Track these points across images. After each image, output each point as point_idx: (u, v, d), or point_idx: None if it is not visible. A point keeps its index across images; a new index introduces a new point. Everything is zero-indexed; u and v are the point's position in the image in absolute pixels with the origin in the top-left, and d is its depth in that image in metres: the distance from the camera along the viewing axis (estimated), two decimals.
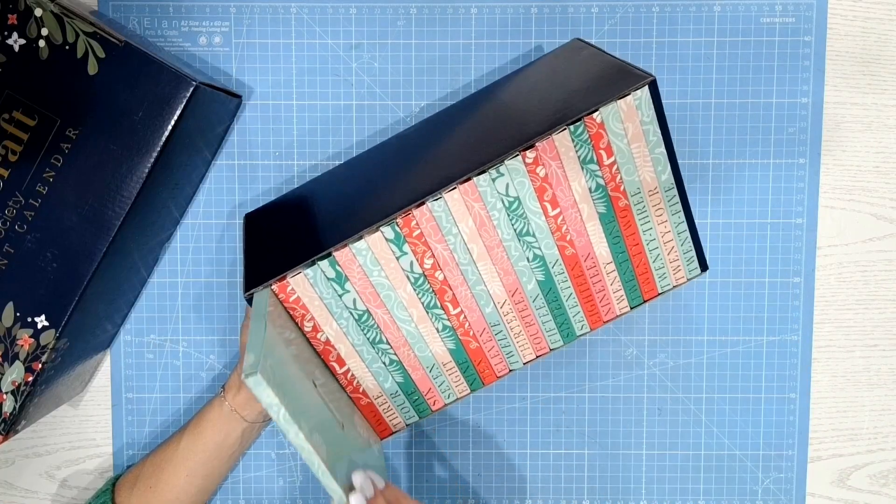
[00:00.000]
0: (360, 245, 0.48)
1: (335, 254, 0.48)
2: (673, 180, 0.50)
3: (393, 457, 0.62)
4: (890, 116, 0.60)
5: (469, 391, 0.53)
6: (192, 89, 0.50)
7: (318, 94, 0.60)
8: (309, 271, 0.49)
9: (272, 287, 0.49)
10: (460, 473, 0.62)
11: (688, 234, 0.52)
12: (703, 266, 0.53)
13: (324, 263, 0.49)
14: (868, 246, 0.61)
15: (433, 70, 0.59)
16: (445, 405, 0.54)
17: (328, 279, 0.49)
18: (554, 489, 0.62)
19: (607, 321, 0.53)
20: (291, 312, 0.50)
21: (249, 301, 0.49)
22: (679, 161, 0.60)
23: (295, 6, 0.59)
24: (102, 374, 0.62)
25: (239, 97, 0.58)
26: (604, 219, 0.50)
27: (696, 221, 0.60)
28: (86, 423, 0.62)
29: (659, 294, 0.53)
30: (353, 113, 0.60)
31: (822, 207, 0.61)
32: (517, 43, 0.59)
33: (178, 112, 0.50)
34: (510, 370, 0.53)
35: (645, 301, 0.53)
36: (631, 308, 0.53)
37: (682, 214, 0.51)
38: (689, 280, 0.53)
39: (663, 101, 0.59)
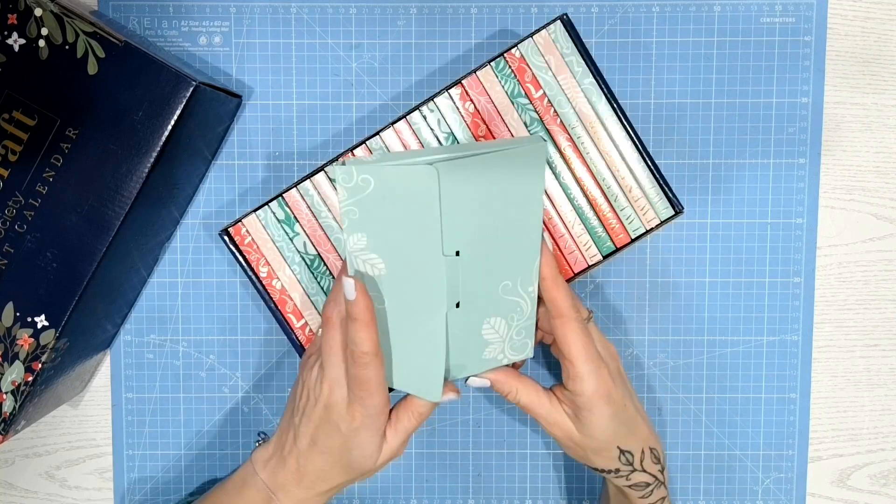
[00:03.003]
0: (305, 185, 0.52)
1: (284, 195, 0.52)
2: (612, 110, 0.51)
3: None
4: (890, 116, 0.60)
5: None
6: (192, 89, 0.50)
7: (318, 94, 0.60)
8: (260, 212, 0.53)
9: (229, 230, 0.53)
10: (460, 473, 0.62)
11: (647, 172, 0.52)
12: (676, 207, 0.53)
13: (273, 204, 0.52)
14: (868, 246, 0.61)
15: (433, 70, 0.59)
16: None
17: (278, 220, 0.53)
18: (554, 489, 0.62)
19: (578, 273, 0.53)
20: (247, 255, 0.53)
21: (222, 237, 0.53)
22: (679, 161, 0.60)
23: (295, 6, 0.59)
24: (102, 374, 0.62)
25: (239, 97, 0.58)
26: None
27: (696, 221, 0.60)
28: (86, 423, 0.62)
29: (633, 240, 0.53)
30: (353, 113, 0.60)
31: (822, 207, 0.61)
32: None
33: (178, 112, 0.50)
34: None
35: (617, 248, 0.53)
36: (603, 257, 0.53)
37: (635, 151, 0.52)
38: (663, 223, 0.53)
39: (663, 101, 0.59)
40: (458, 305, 0.48)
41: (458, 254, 0.46)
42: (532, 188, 0.47)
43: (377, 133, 0.53)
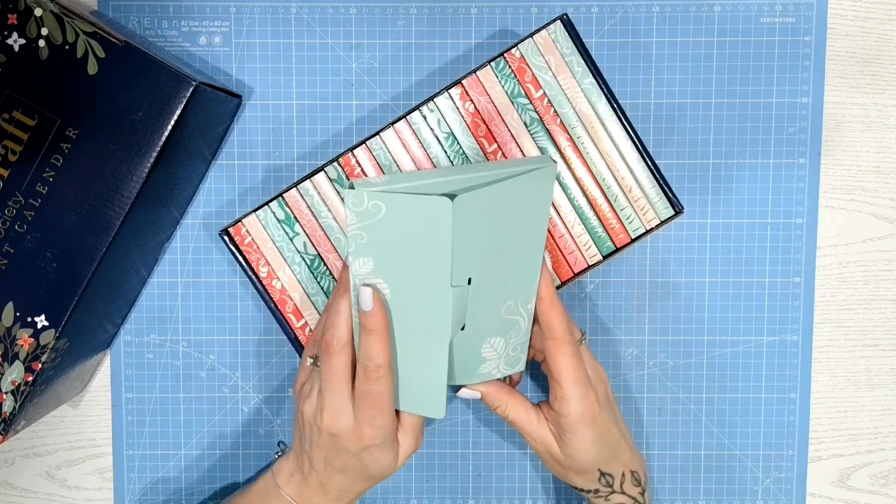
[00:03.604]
0: (305, 185, 0.53)
1: (284, 195, 0.53)
2: (612, 110, 0.51)
3: None
4: (890, 116, 0.60)
5: None
6: (192, 89, 0.50)
7: (318, 94, 0.60)
8: (260, 212, 0.53)
9: (229, 230, 0.53)
10: (460, 473, 0.62)
11: (647, 172, 0.52)
12: (676, 207, 0.53)
13: (273, 204, 0.53)
14: (868, 246, 0.61)
15: (433, 70, 0.59)
16: None
17: (278, 220, 0.53)
18: (554, 489, 0.62)
19: (578, 273, 0.53)
20: (247, 255, 0.53)
21: (222, 237, 0.53)
22: (679, 161, 0.60)
23: (295, 6, 0.59)
24: (102, 374, 0.62)
25: (239, 97, 0.58)
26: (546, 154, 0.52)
27: (696, 221, 0.60)
28: (86, 423, 0.62)
29: (633, 240, 0.53)
30: (353, 113, 0.60)
31: (822, 207, 0.61)
32: None
33: (178, 112, 0.50)
34: None
35: (617, 248, 0.53)
36: (603, 257, 0.53)
37: (635, 151, 0.52)
38: (663, 223, 0.53)
39: (663, 101, 0.59)
40: (462, 328, 0.48)
41: (469, 281, 0.46)
42: (540, 209, 0.47)
43: (377, 133, 0.53)
